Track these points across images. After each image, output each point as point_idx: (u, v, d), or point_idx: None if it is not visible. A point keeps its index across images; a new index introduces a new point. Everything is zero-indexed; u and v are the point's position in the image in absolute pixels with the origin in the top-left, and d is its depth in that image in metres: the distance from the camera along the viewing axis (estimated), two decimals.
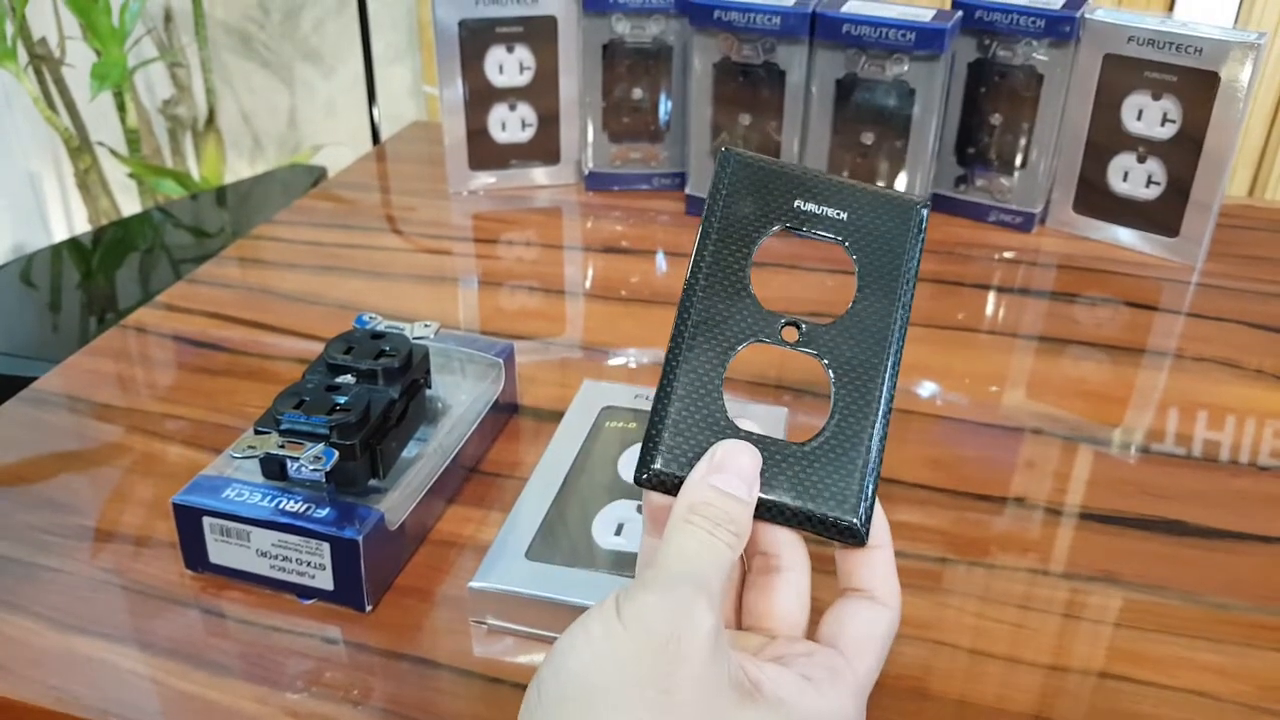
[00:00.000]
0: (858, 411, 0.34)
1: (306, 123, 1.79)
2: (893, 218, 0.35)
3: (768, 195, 0.35)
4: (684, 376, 0.34)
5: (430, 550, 0.48)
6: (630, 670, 0.28)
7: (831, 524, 0.33)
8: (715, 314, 0.34)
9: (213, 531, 0.44)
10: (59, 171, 1.78)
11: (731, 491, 0.32)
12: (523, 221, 0.81)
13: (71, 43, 1.53)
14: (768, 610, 0.34)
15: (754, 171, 0.36)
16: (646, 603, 0.29)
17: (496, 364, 0.55)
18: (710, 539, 0.31)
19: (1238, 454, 0.55)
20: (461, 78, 0.80)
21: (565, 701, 0.29)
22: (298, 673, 0.42)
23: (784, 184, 0.35)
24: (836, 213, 0.35)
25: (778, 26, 0.72)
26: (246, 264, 0.76)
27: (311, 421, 0.44)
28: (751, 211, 0.35)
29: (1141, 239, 0.75)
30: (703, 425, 0.34)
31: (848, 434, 0.33)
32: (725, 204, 0.35)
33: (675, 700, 0.28)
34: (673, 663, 0.28)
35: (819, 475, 0.33)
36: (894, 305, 0.34)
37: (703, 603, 0.29)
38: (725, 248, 0.35)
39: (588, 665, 0.29)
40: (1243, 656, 0.42)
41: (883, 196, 0.36)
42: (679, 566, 0.31)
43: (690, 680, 0.28)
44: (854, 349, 0.34)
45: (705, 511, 0.32)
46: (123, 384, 0.61)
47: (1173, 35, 0.68)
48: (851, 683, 0.32)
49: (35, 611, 0.44)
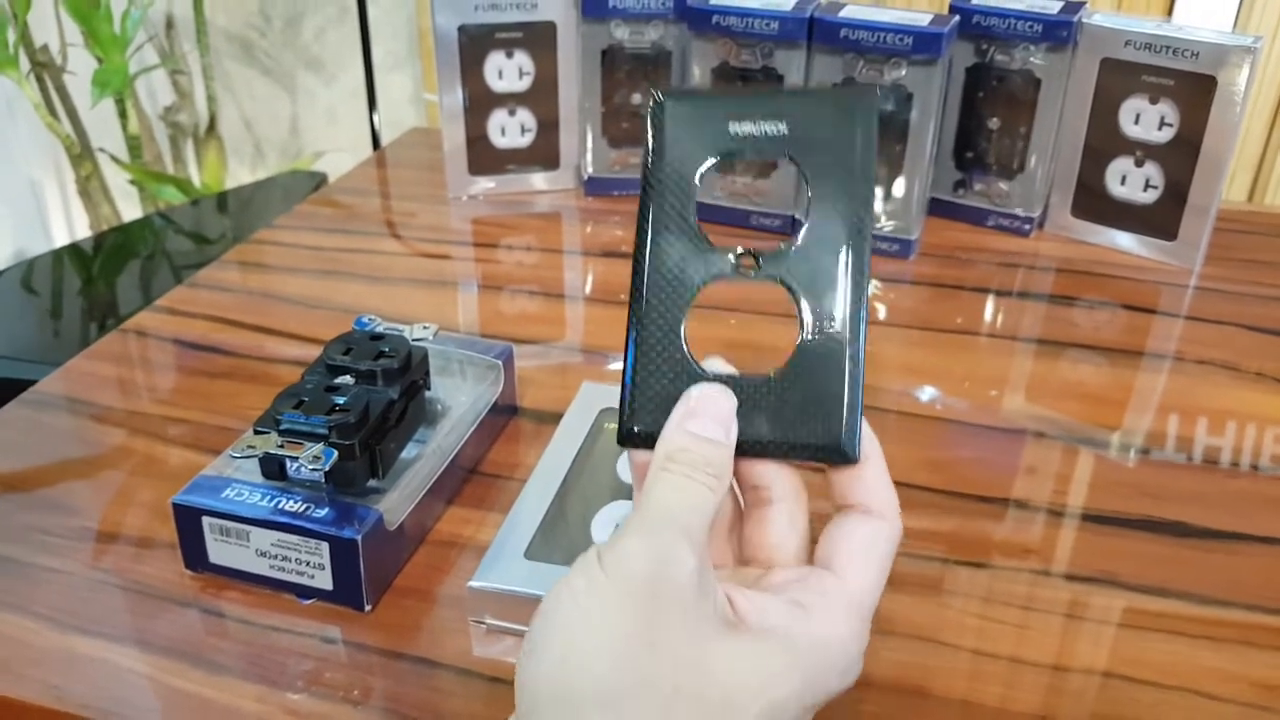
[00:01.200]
0: (828, 330, 0.33)
1: (307, 130, 1.79)
2: (839, 117, 0.33)
3: (701, 128, 0.34)
4: (647, 329, 0.33)
5: (429, 550, 0.48)
6: (615, 616, 0.29)
7: (819, 447, 0.33)
8: (667, 262, 0.34)
9: (212, 531, 0.44)
10: (60, 178, 1.78)
11: (708, 435, 0.32)
12: (522, 226, 0.81)
13: (73, 50, 1.53)
14: (762, 542, 0.34)
15: (685, 108, 0.34)
16: (626, 549, 0.30)
17: (496, 366, 0.55)
18: (688, 482, 0.31)
19: (1236, 456, 0.55)
20: (461, 83, 0.81)
21: (556, 658, 0.29)
22: (297, 672, 0.42)
23: (716, 111, 0.34)
24: (775, 127, 0.33)
25: (776, 31, 0.72)
26: (247, 268, 0.76)
27: (311, 421, 0.44)
28: (687, 149, 0.34)
29: (1139, 243, 0.75)
30: (672, 375, 0.33)
31: (821, 355, 0.33)
32: (661, 149, 0.34)
33: (661, 639, 0.28)
34: (656, 603, 0.29)
35: (798, 401, 0.32)
36: (856, 210, 0.33)
37: (683, 544, 0.30)
38: (667, 193, 0.34)
39: (573, 617, 0.29)
40: (1242, 656, 0.42)
41: (823, 96, 0.34)
42: (658, 513, 0.31)
43: (675, 619, 0.29)
44: (818, 265, 0.33)
45: (681, 458, 0.32)
46: (123, 387, 0.61)
47: (1169, 39, 0.69)
48: (845, 601, 0.32)
49: (35, 611, 0.45)
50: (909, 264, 0.74)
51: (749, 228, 0.78)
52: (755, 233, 0.78)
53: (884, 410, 0.58)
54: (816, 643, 0.31)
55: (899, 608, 0.45)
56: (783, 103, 0.34)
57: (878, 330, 0.67)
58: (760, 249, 0.33)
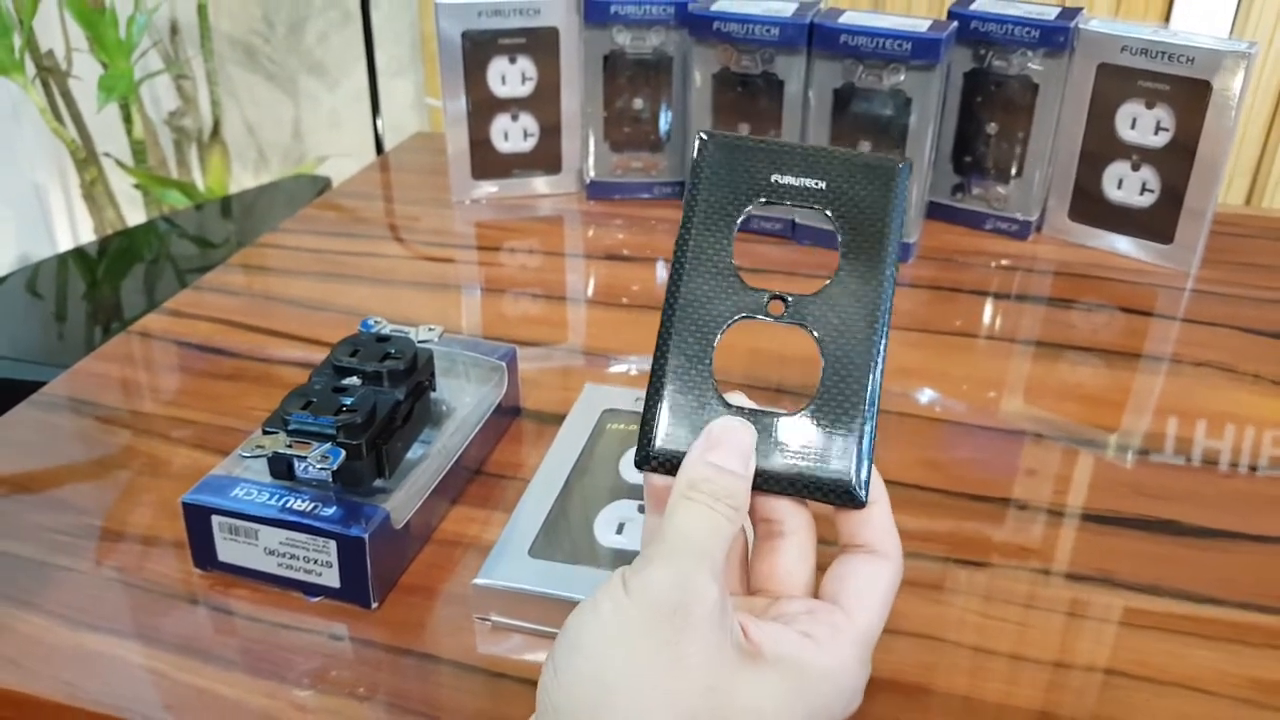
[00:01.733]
0: (849, 377, 0.34)
1: (311, 134, 1.80)
2: (873, 180, 0.35)
3: (745, 172, 0.36)
4: (674, 359, 0.35)
5: (435, 549, 0.49)
6: (640, 641, 0.30)
7: (830, 489, 0.34)
8: (701, 295, 0.35)
9: (221, 530, 0.45)
10: (65, 182, 1.79)
11: (729, 467, 0.33)
12: (525, 230, 0.82)
13: (78, 55, 1.54)
14: (772, 573, 0.35)
15: (731, 151, 0.36)
16: (652, 576, 0.30)
17: (499, 367, 0.55)
18: (710, 513, 0.32)
19: (1232, 457, 0.55)
20: (464, 88, 0.81)
21: (580, 679, 0.30)
22: (305, 669, 0.42)
23: (761, 159, 0.36)
24: (815, 182, 0.35)
25: (776, 37, 0.73)
26: (252, 271, 0.77)
27: (319, 422, 0.45)
28: (731, 190, 0.36)
29: (1136, 246, 0.76)
30: (696, 404, 0.34)
31: (840, 400, 0.34)
32: (706, 186, 0.36)
33: (684, 666, 0.29)
34: (680, 631, 0.30)
35: (814, 443, 0.34)
36: (881, 267, 0.35)
37: (705, 572, 0.31)
38: (708, 229, 0.35)
39: (599, 640, 0.30)
40: (1236, 654, 0.43)
41: (861, 160, 0.36)
42: (681, 541, 0.32)
43: (698, 647, 0.30)
44: (842, 315, 0.34)
45: (704, 487, 0.33)
46: (129, 389, 0.62)
47: (1165, 45, 0.69)
48: (852, 636, 0.33)
49: (47, 609, 0.45)
50: (908, 267, 0.75)
51: (749, 231, 0.78)
52: (754, 236, 0.78)
53: (884, 411, 0.59)
54: (825, 674, 0.32)
55: (900, 605, 0.45)
56: (824, 159, 0.36)
57: None
58: (790, 293, 0.35)
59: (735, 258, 0.36)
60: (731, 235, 0.36)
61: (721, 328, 0.35)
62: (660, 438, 0.34)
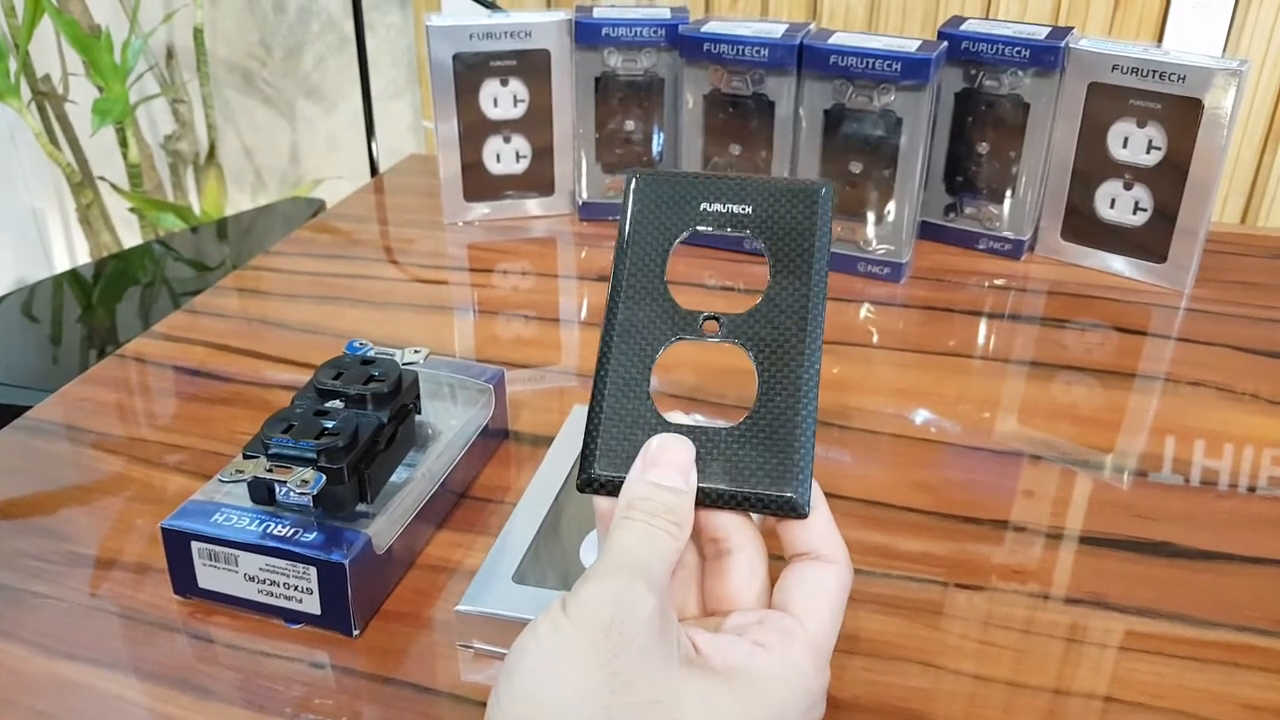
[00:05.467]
0: (784, 390, 0.35)
1: (307, 157, 1.81)
2: (797, 204, 0.37)
3: (675, 203, 0.38)
4: (612, 383, 0.35)
5: (418, 575, 0.48)
6: (578, 658, 0.29)
7: (771, 501, 0.34)
8: (637, 320, 0.36)
9: (201, 556, 0.44)
10: (62, 206, 1.80)
11: (667, 484, 0.33)
12: (517, 251, 0.82)
13: (74, 79, 1.55)
14: (725, 593, 0.35)
15: (660, 184, 0.38)
16: (588, 593, 0.31)
17: (487, 390, 0.55)
18: (648, 529, 0.33)
19: (1229, 477, 0.55)
20: (456, 111, 0.81)
21: (520, 700, 0.29)
22: (286, 698, 0.42)
23: (689, 190, 0.38)
24: (742, 208, 0.37)
25: (766, 58, 0.73)
26: (244, 294, 0.76)
27: (299, 446, 0.44)
28: (662, 220, 0.37)
29: (1130, 265, 0.75)
30: (634, 425, 0.35)
31: (776, 413, 0.35)
32: (636, 219, 0.37)
33: (623, 681, 0.29)
34: (617, 645, 0.29)
35: (753, 456, 0.34)
36: (809, 284, 0.36)
37: (641, 586, 0.30)
38: (641, 259, 0.37)
39: (538, 662, 0.30)
40: (1229, 677, 0.42)
41: (784, 185, 0.37)
42: (618, 558, 0.32)
43: (636, 659, 0.29)
44: (774, 331, 0.35)
45: (642, 506, 0.33)
46: (119, 412, 0.62)
47: (1156, 63, 0.69)
48: (805, 640, 0.33)
49: (23, 637, 0.45)
50: (900, 287, 0.75)
51: (742, 250, 0.78)
52: (749, 255, 0.78)
53: (876, 432, 0.59)
54: (777, 679, 0.32)
55: (894, 629, 0.45)
56: (749, 187, 0.38)
57: (871, 352, 0.67)
58: (724, 313, 0.36)
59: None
60: (665, 262, 0.37)
61: (658, 350, 0.36)
62: (599, 461, 0.35)
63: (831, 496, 0.42)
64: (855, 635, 0.44)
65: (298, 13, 1.69)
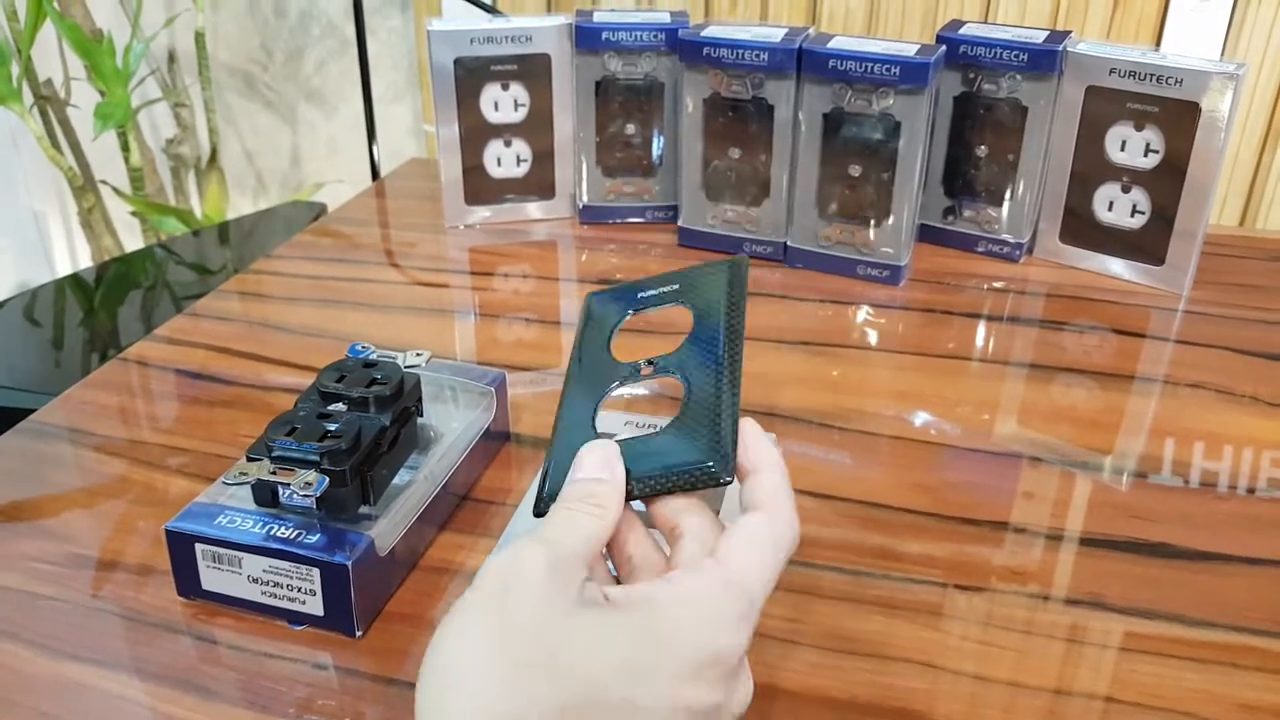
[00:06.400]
0: (706, 393, 0.40)
1: (309, 161, 1.81)
2: (713, 272, 0.46)
3: (620, 300, 0.47)
4: (564, 426, 0.41)
5: (421, 576, 0.48)
6: (473, 618, 0.31)
7: (695, 473, 0.37)
8: (587, 377, 0.43)
9: (205, 558, 0.45)
10: (63, 210, 1.80)
11: (590, 476, 0.36)
12: (518, 255, 0.82)
13: (76, 83, 1.55)
14: None
15: (610, 294, 0.48)
16: (486, 565, 0.33)
17: (488, 392, 0.55)
18: (567, 513, 0.35)
19: (1225, 478, 0.55)
20: (457, 115, 0.82)
21: (428, 671, 0.31)
22: (289, 699, 0.42)
23: (630, 290, 0.47)
24: (670, 288, 0.46)
25: (766, 62, 0.73)
26: (246, 298, 0.77)
27: (303, 448, 0.44)
28: (610, 312, 0.47)
29: (1128, 267, 0.75)
30: None
31: (698, 410, 0.39)
32: (592, 322, 0.47)
33: (509, 623, 0.31)
34: (504, 595, 0.31)
35: (678, 443, 0.38)
36: (719, 321, 0.43)
37: (533, 547, 0.33)
38: (594, 339, 0.46)
39: (445, 635, 0.31)
40: (1227, 677, 0.43)
41: (706, 264, 0.47)
42: (529, 536, 0.34)
43: (526, 605, 0.31)
44: (697, 357, 0.42)
45: (566, 496, 0.36)
46: (122, 415, 0.62)
47: (1153, 67, 0.70)
48: (719, 573, 0.33)
49: (27, 639, 0.45)
50: (899, 290, 0.75)
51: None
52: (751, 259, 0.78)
53: (876, 435, 0.59)
54: (679, 599, 0.32)
55: (895, 629, 0.45)
56: (677, 274, 0.47)
57: (870, 355, 0.68)
58: (656, 358, 0.43)
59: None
60: (612, 339, 0.45)
61: (602, 395, 0.42)
62: (549, 486, 0.39)
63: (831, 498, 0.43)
64: (855, 635, 0.45)
65: (299, 17, 1.70)
